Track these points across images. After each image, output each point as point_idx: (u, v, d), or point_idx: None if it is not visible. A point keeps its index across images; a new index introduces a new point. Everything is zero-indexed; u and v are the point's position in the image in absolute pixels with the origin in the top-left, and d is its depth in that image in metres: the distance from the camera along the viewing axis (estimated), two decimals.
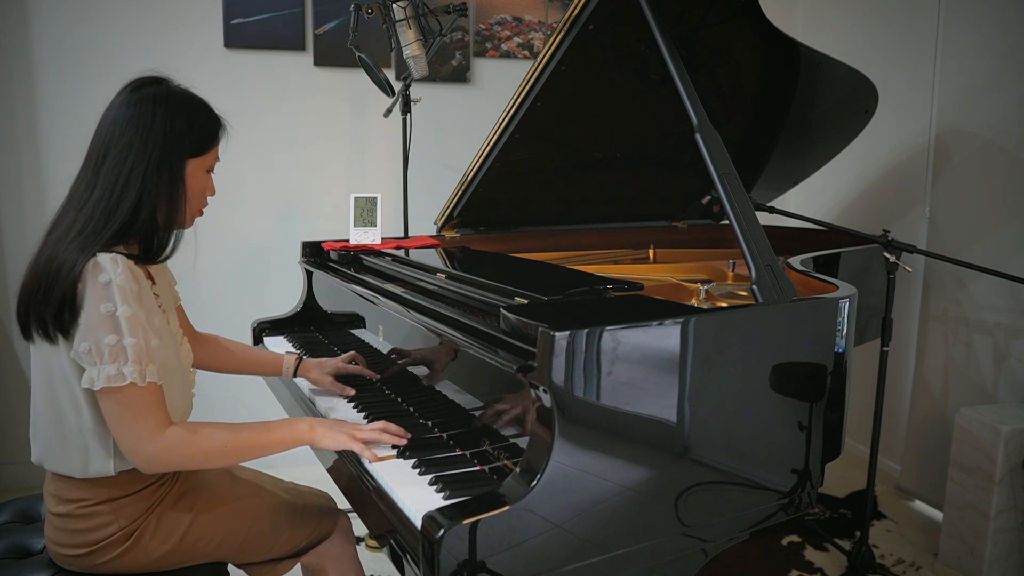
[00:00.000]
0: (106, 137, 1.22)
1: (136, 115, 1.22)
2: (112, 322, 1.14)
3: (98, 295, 1.14)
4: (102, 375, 1.14)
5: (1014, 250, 2.39)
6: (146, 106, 1.22)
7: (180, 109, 1.25)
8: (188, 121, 1.25)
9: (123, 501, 1.27)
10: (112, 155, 1.21)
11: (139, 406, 1.17)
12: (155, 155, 1.21)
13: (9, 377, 2.85)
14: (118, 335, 1.15)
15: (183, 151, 1.25)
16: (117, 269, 1.15)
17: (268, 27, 2.93)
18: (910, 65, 2.83)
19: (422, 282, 1.66)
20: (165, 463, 1.21)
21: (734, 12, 1.81)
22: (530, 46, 3.22)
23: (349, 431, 1.31)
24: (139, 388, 1.16)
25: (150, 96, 1.24)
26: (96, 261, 1.15)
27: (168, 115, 1.23)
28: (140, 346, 1.16)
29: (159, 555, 1.31)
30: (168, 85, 1.28)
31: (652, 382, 1.12)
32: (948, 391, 2.66)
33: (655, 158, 2.38)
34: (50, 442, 1.26)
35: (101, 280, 1.14)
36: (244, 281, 3.04)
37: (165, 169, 1.23)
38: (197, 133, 1.27)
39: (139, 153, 1.21)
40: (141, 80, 1.27)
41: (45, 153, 2.80)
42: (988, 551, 2.15)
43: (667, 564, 1.19)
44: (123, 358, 1.15)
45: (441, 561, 0.97)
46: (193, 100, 1.29)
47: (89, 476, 1.25)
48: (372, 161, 3.14)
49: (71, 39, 2.77)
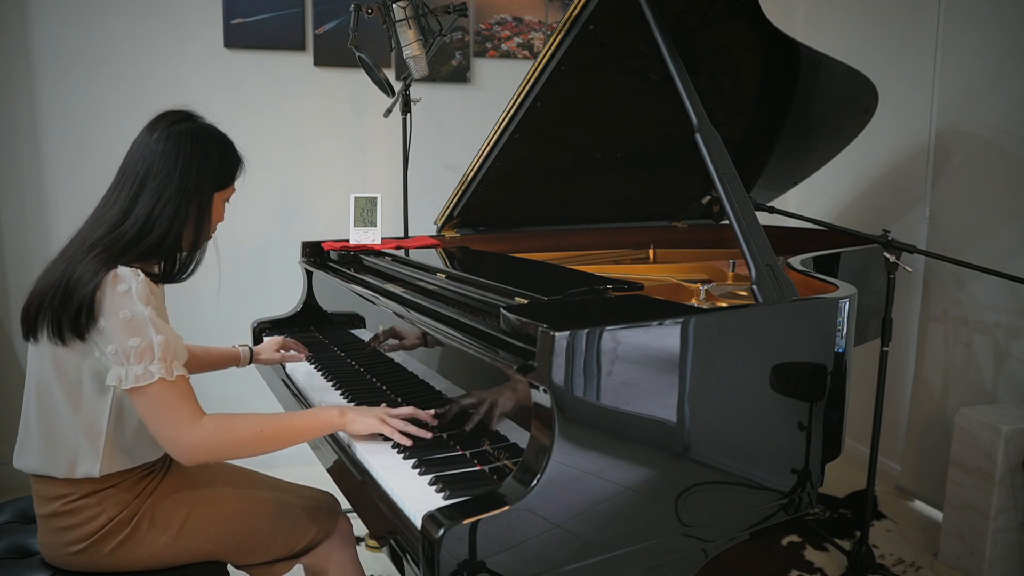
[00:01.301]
0: (143, 167, 1.30)
1: (175, 150, 1.31)
2: (135, 324, 1.20)
3: (117, 302, 1.20)
4: (130, 375, 1.19)
5: (1014, 250, 2.39)
6: (184, 142, 1.32)
7: (212, 147, 1.35)
8: (220, 159, 1.36)
9: (107, 492, 1.30)
10: (151, 186, 1.29)
11: (171, 400, 1.22)
12: (190, 188, 1.31)
13: (9, 377, 2.85)
14: (143, 336, 1.20)
15: (213, 185, 1.35)
16: (137, 279, 1.22)
17: (268, 27, 2.93)
18: (910, 65, 2.83)
19: (422, 282, 1.66)
20: (203, 452, 1.25)
21: (734, 12, 1.81)
22: (530, 46, 3.22)
23: (379, 415, 1.34)
24: (168, 383, 1.21)
25: (188, 133, 1.33)
26: (116, 272, 1.21)
27: (203, 151, 1.33)
28: (167, 343, 1.22)
29: (157, 547, 1.32)
30: (200, 122, 1.38)
31: (652, 382, 1.12)
32: (948, 391, 2.66)
33: (655, 158, 2.38)
34: (38, 441, 1.29)
35: (120, 289, 1.20)
36: (244, 281, 3.04)
37: (196, 201, 1.33)
38: (225, 168, 1.38)
39: (177, 186, 1.30)
40: (175, 115, 1.36)
41: (45, 153, 2.80)
42: (988, 551, 2.15)
43: (667, 564, 1.19)
44: (150, 356, 1.20)
45: (441, 561, 0.97)
46: (222, 138, 1.39)
47: (75, 477, 1.27)
48: (372, 161, 3.14)
49: (71, 39, 2.77)
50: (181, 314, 2.79)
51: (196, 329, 2.91)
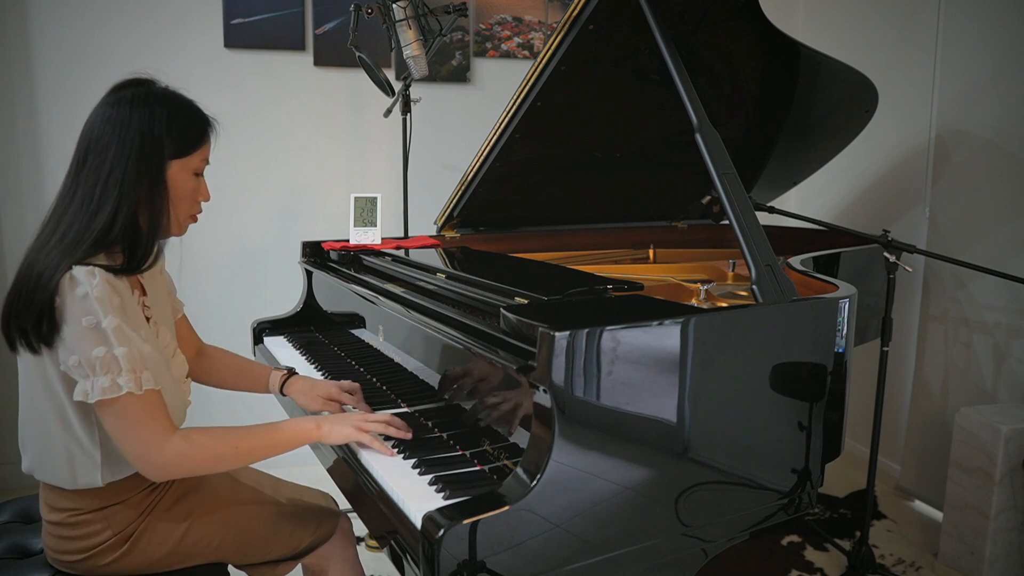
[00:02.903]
0: (85, 141, 1.19)
1: (114, 116, 1.18)
2: (97, 334, 1.11)
3: (77, 308, 1.11)
4: (96, 388, 1.11)
5: (1014, 250, 2.39)
6: (124, 108, 1.18)
7: (159, 109, 1.20)
8: (168, 121, 1.20)
9: (113, 509, 1.27)
10: (91, 159, 1.17)
11: (140, 414, 1.15)
12: (133, 157, 1.17)
13: (9, 377, 2.85)
14: (106, 346, 1.11)
15: (163, 152, 1.20)
16: (93, 281, 1.12)
17: (268, 27, 2.93)
18: (910, 65, 2.83)
19: (422, 282, 1.66)
20: (176, 470, 1.20)
21: (734, 12, 1.81)
22: (530, 46, 3.22)
23: (355, 423, 1.32)
24: (137, 396, 1.14)
25: (128, 97, 1.19)
26: (72, 275, 1.12)
27: (147, 115, 1.18)
28: (132, 354, 1.13)
29: (157, 558, 1.31)
30: (150, 86, 1.23)
31: (652, 382, 1.12)
32: (948, 391, 2.65)
33: (655, 158, 2.38)
34: (38, 452, 1.26)
35: (78, 293, 1.11)
36: (244, 281, 3.04)
37: (144, 172, 1.18)
38: (178, 133, 1.22)
39: (116, 156, 1.16)
40: (123, 82, 1.23)
41: (45, 153, 2.80)
42: (988, 551, 2.15)
43: (667, 564, 1.19)
44: (116, 368, 1.11)
45: (441, 561, 0.97)
46: (175, 99, 1.24)
47: (79, 487, 1.24)
48: (372, 161, 3.14)
49: (71, 39, 2.77)
50: None
51: (196, 329, 2.91)
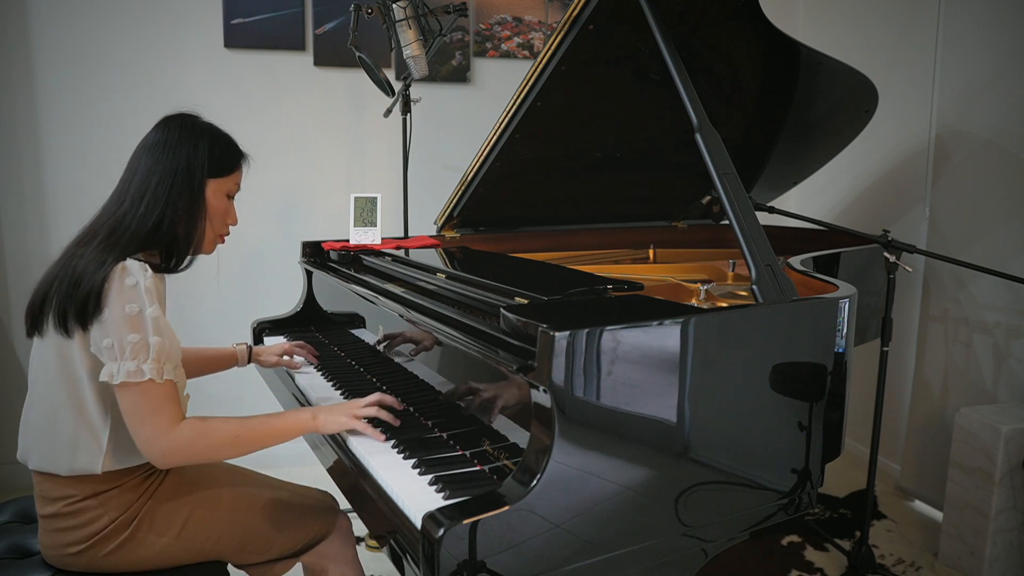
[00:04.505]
0: (136, 160, 1.35)
1: (163, 140, 1.35)
2: (137, 321, 1.21)
3: (125, 296, 1.21)
4: (123, 370, 1.20)
5: (1014, 250, 2.39)
6: (173, 132, 1.35)
7: (203, 135, 1.37)
8: (210, 145, 1.37)
9: (109, 494, 1.30)
10: (140, 174, 1.33)
11: (156, 402, 1.23)
12: (179, 172, 1.33)
13: (9, 376, 2.85)
14: (142, 334, 1.21)
15: (203, 171, 1.36)
16: (145, 274, 1.24)
17: (268, 27, 2.93)
18: (910, 65, 2.83)
19: (422, 282, 1.66)
20: (180, 457, 1.27)
21: (734, 12, 1.81)
22: (530, 46, 3.22)
23: (348, 412, 1.37)
24: (157, 384, 1.22)
25: (177, 124, 1.37)
26: (125, 265, 1.23)
27: (192, 139, 1.36)
28: (163, 345, 1.23)
29: (158, 548, 1.32)
30: (195, 119, 1.40)
31: (652, 382, 1.12)
32: (948, 391, 2.65)
33: (655, 158, 2.38)
34: (40, 437, 1.30)
35: (128, 283, 1.22)
36: (244, 281, 3.05)
37: (187, 186, 1.34)
38: (218, 156, 1.38)
39: (164, 171, 1.32)
40: (172, 115, 1.39)
41: (45, 153, 2.80)
42: (988, 551, 2.15)
43: (667, 564, 1.19)
44: (144, 355, 1.21)
45: (441, 561, 0.97)
46: (216, 130, 1.41)
47: (75, 473, 1.28)
48: (372, 161, 3.14)
49: (71, 39, 2.77)
50: (181, 314, 2.81)
51: (196, 329, 2.92)
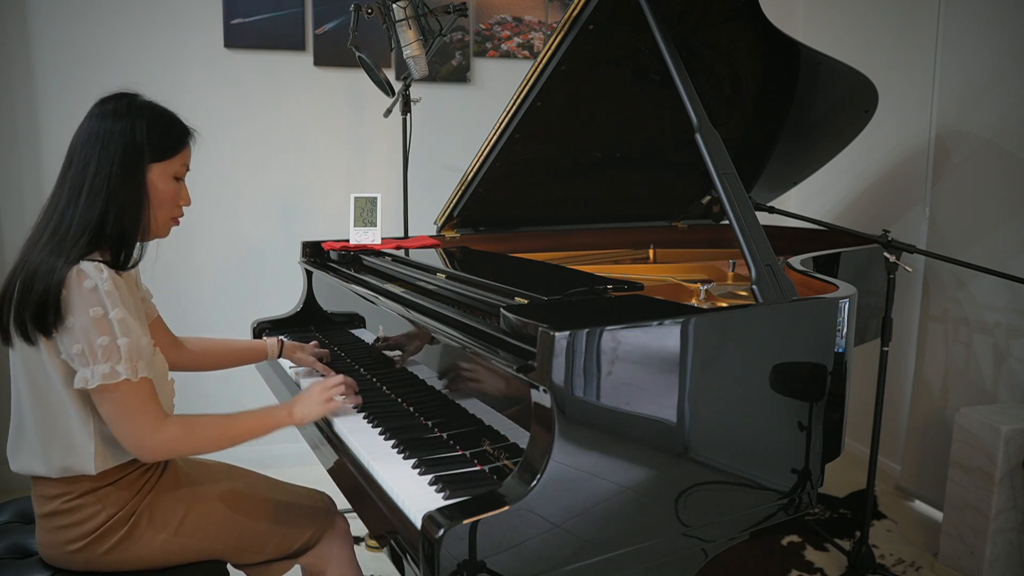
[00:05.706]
0: (72, 149, 1.28)
1: (98, 126, 1.27)
2: (104, 324, 1.19)
3: (86, 300, 1.18)
4: (97, 374, 1.18)
5: (1014, 250, 2.39)
6: (107, 119, 1.27)
7: (140, 118, 1.29)
8: (148, 127, 1.29)
9: (106, 490, 1.30)
10: (75, 165, 1.26)
11: (135, 401, 1.22)
12: (116, 160, 1.26)
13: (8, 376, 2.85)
14: (110, 336, 1.19)
15: (143, 157, 1.28)
16: (102, 275, 1.20)
17: (268, 27, 2.93)
18: (910, 65, 2.83)
19: (422, 282, 1.66)
20: (167, 453, 1.29)
21: (734, 12, 1.81)
22: (530, 46, 3.22)
23: (321, 397, 1.43)
24: (133, 384, 1.21)
25: (111, 109, 1.29)
26: (80, 268, 1.19)
27: (128, 123, 1.27)
28: (132, 344, 1.21)
29: (156, 545, 1.32)
30: (132, 98, 1.32)
31: (652, 382, 1.12)
32: (948, 391, 2.65)
33: (655, 158, 2.38)
34: (30, 444, 1.29)
35: (87, 286, 1.19)
36: (244, 281, 3.04)
37: (127, 174, 1.27)
38: (157, 139, 1.30)
39: (100, 161, 1.25)
40: (107, 96, 1.32)
41: (45, 153, 2.80)
42: (988, 551, 2.15)
43: (667, 564, 1.19)
44: (116, 356, 1.19)
45: (441, 561, 0.97)
46: (155, 108, 1.33)
47: (69, 475, 1.27)
48: (372, 161, 3.14)
49: (71, 39, 2.77)
50: (182, 314, 2.81)
51: (196, 329, 2.91)
